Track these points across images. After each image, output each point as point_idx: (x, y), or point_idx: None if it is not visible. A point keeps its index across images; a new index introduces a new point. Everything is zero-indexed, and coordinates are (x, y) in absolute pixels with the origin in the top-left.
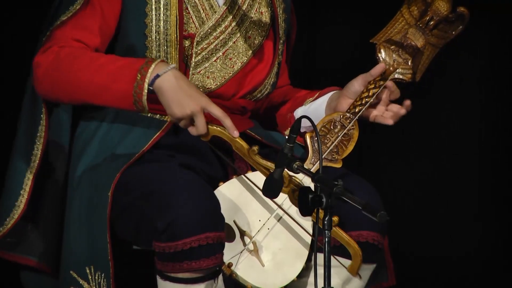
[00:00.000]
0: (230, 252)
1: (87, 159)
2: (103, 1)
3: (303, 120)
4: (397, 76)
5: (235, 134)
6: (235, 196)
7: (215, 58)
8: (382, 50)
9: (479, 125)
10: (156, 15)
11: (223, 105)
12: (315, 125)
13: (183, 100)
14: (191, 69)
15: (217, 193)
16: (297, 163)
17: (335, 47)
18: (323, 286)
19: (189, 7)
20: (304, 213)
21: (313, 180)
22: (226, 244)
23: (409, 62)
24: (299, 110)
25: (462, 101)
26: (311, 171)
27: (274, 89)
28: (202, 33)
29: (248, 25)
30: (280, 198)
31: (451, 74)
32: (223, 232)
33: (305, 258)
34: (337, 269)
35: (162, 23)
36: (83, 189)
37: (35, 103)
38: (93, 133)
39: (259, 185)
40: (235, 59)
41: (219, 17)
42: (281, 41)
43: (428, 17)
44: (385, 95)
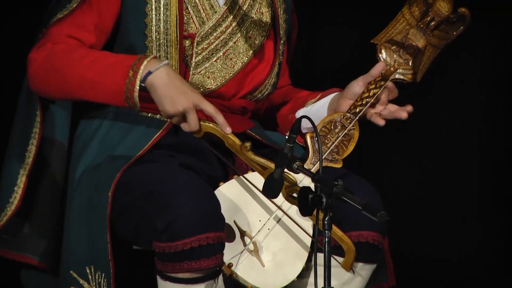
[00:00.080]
0: (230, 252)
1: (87, 159)
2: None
3: (304, 121)
4: (397, 76)
5: (228, 130)
6: (235, 196)
7: (216, 58)
8: (383, 51)
9: (480, 126)
10: (156, 15)
11: (223, 105)
12: (315, 125)
13: (175, 97)
14: (192, 69)
15: (217, 193)
16: (297, 163)
17: (335, 47)
18: (323, 286)
19: (189, 7)
20: (304, 213)
21: (313, 180)
22: (226, 244)
23: (410, 62)
24: (300, 112)
25: (463, 102)
26: (311, 171)
27: (274, 89)
28: (203, 33)
29: (249, 25)
30: (280, 198)
31: (452, 75)
32: (223, 232)
33: (305, 258)
34: (337, 269)
35: (162, 23)
36: (83, 189)
37: (30, 100)
38: (93, 133)
39: (259, 185)
40: (235, 59)
41: (219, 17)
42: (281, 41)
43: (429, 18)
44: (384, 95)
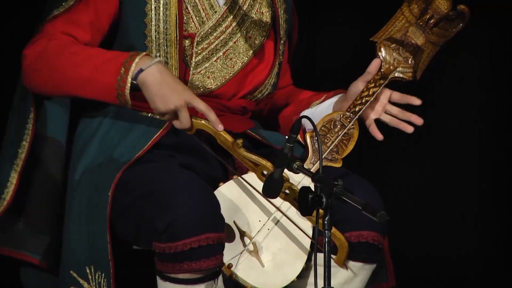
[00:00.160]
0: (230, 253)
1: (87, 159)
2: None
3: (306, 121)
4: (397, 75)
5: (220, 127)
6: (235, 197)
7: (216, 58)
8: (382, 49)
9: (479, 124)
10: (155, 14)
11: (223, 105)
12: (315, 124)
13: (166, 94)
14: (192, 69)
15: (217, 193)
16: (297, 163)
17: (335, 47)
18: (323, 286)
19: (189, 6)
20: (304, 213)
21: (313, 180)
22: (226, 245)
23: (410, 60)
24: (305, 113)
25: (462, 101)
26: (311, 171)
27: (274, 89)
28: (203, 33)
29: (249, 25)
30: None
31: (451, 73)
32: (223, 232)
33: (305, 258)
34: (337, 269)
35: (161, 22)
36: (83, 189)
37: (24, 96)
38: (93, 133)
39: (259, 186)
40: (235, 59)
41: (219, 17)
42: (282, 41)
43: (428, 15)
44: (383, 95)
